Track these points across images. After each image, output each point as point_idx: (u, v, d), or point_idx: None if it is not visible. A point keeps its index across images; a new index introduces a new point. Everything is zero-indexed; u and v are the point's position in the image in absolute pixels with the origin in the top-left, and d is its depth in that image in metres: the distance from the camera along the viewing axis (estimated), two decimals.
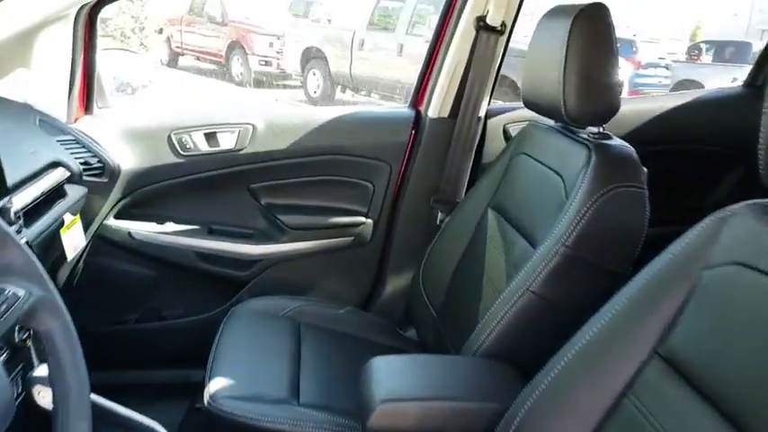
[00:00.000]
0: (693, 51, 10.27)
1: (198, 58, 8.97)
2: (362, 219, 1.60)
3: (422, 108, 1.61)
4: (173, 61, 9.12)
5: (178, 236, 1.50)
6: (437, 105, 1.56)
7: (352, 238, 1.60)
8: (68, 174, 1.18)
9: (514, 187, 1.19)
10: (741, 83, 1.80)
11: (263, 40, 8.00)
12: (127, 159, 1.38)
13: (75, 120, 1.38)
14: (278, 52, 8.02)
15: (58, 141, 1.24)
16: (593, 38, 0.99)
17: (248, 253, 1.53)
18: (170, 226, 1.51)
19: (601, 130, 1.05)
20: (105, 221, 1.42)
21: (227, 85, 7.99)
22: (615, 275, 0.92)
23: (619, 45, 1.03)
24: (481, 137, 1.59)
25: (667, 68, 9.05)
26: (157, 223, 1.51)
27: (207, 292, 1.58)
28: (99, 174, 1.32)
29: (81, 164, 1.26)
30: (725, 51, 9.58)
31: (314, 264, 1.59)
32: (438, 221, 1.56)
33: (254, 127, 1.49)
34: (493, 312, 0.98)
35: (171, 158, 1.44)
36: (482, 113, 1.56)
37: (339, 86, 7.35)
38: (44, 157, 1.11)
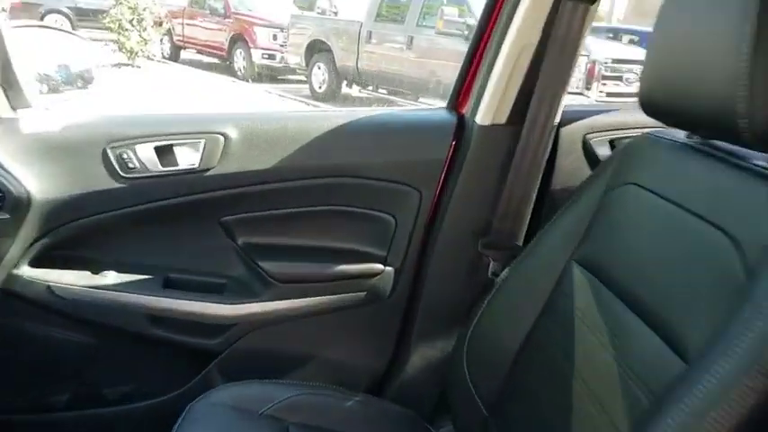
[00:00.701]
0: None
1: (199, 52, 9.57)
2: (379, 266, 1.30)
3: (466, 111, 1.28)
4: (174, 54, 9.80)
5: (120, 290, 1.21)
6: (490, 107, 1.21)
7: (365, 293, 1.31)
8: None
9: (621, 238, 0.87)
10: None
11: (266, 33, 8.39)
12: (42, 184, 1.13)
13: None
14: (282, 45, 8.32)
15: None
16: None
17: (219, 314, 1.24)
18: (109, 276, 1.22)
19: None
20: (15, 271, 1.17)
21: (228, 79, 8.35)
22: None
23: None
24: (551, 153, 1.25)
25: None
26: (91, 273, 1.22)
27: (162, 367, 1.30)
28: None
29: None
30: None
31: (310, 330, 1.32)
32: (490, 274, 1.24)
33: (225, 137, 1.19)
34: None
35: (108, 182, 1.16)
36: (558, 119, 1.21)
37: (345, 81, 7.65)
38: None
